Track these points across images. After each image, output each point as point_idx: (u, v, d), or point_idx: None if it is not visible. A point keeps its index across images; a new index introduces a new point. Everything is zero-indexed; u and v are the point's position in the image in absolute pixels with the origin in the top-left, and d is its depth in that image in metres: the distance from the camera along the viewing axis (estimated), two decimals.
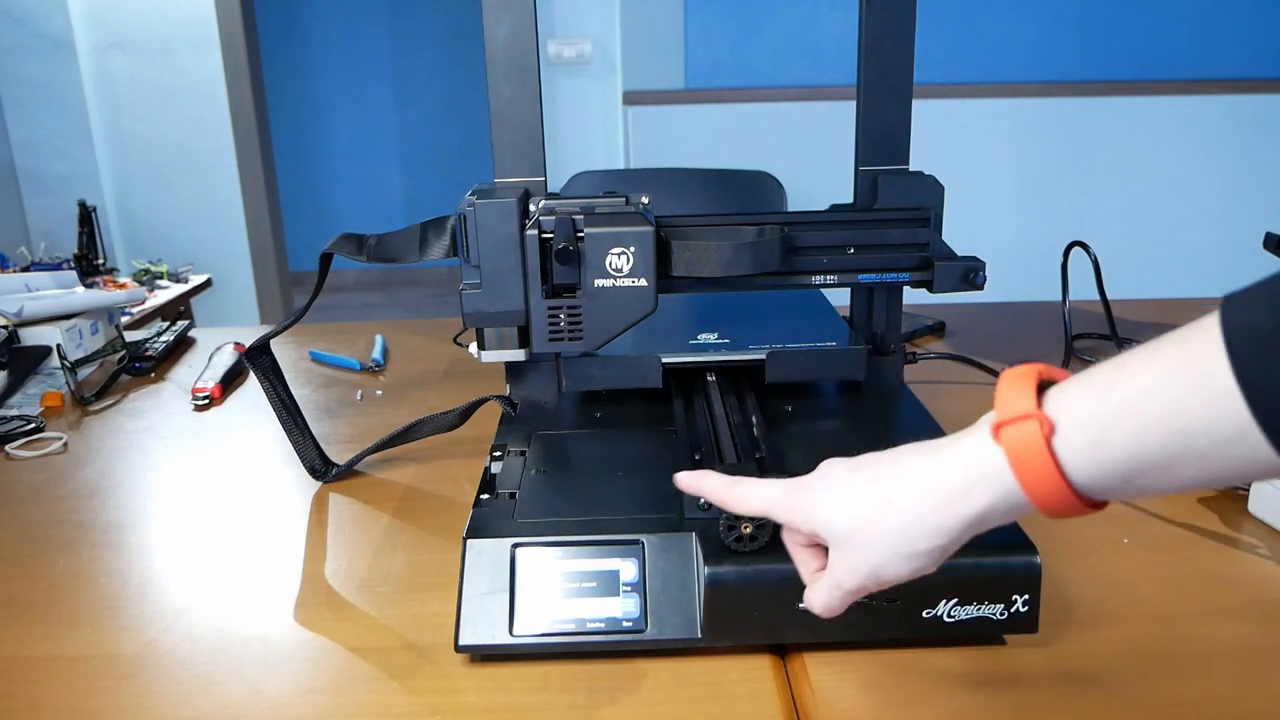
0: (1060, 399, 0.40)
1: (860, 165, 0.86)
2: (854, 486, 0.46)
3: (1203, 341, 0.36)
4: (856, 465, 0.48)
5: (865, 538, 0.45)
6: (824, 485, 0.48)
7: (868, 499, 0.45)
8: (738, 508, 0.53)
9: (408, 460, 0.89)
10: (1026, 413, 0.40)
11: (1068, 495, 0.39)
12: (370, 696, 0.57)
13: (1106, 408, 0.38)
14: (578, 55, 2.98)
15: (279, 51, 4.82)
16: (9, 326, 1.18)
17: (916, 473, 0.44)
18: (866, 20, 0.82)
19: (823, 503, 0.47)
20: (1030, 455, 0.39)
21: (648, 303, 0.76)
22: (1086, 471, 0.39)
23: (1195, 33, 2.81)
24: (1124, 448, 0.38)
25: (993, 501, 0.41)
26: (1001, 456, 0.41)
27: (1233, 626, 0.62)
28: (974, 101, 2.86)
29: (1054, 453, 0.39)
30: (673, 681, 0.58)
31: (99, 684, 0.59)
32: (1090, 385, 0.40)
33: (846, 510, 0.46)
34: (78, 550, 0.75)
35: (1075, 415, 0.39)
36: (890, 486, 0.45)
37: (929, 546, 0.44)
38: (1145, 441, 0.37)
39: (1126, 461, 0.38)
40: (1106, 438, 0.38)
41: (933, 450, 0.44)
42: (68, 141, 3.24)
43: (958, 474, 0.42)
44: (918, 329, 1.25)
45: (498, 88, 0.80)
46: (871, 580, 0.46)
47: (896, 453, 0.46)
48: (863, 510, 0.45)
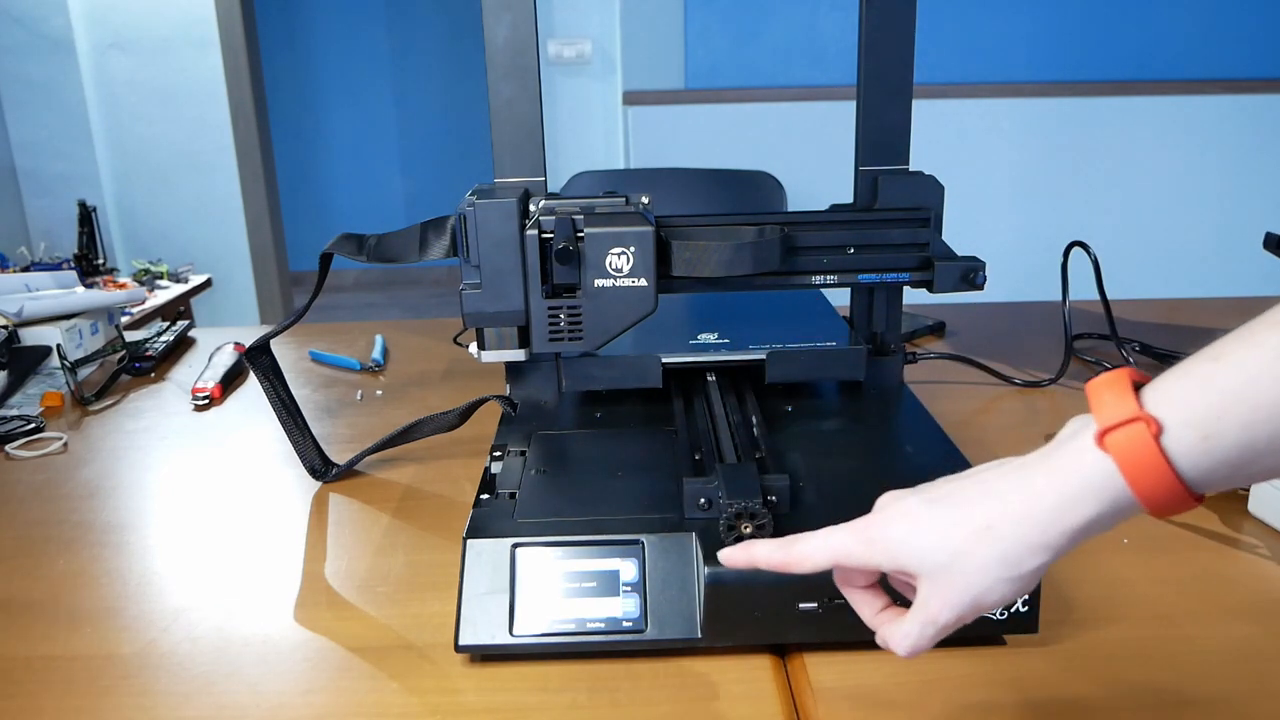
0: (1160, 398, 0.39)
1: (860, 165, 0.86)
2: (943, 517, 0.44)
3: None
4: (934, 497, 0.46)
5: (965, 569, 0.43)
6: (906, 520, 0.45)
7: (962, 528, 0.43)
8: (802, 566, 0.48)
9: (408, 460, 0.89)
10: (1132, 415, 0.39)
11: (1181, 493, 0.39)
12: (370, 696, 0.57)
13: (1212, 400, 0.38)
14: (578, 55, 2.98)
15: (279, 51, 4.82)
16: (9, 326, 1.18)
17: (1013, 494, 0.43)
18: (866, 20, 0.82)
19: (908, 540, 0.45)
20: (1142, 458, 0.39)
21: (648, 303, 0.76)
22: (1199, 467, 0.38)
23: (1195, 33, 2.81)
24: (1236, 438, 0.37)
25: (1100, 509, 0.41)
26: (1109, 463, 0.40)
27: (1233, 626, 0.62)
28: (974, 101, 2.86)
29: (1165, 452, 0.38)
30: (673, 681, 0.58)
31: (99, 684, 0.59)
32: (1189, 379, 0.39)
33: (942, 543, 0.43)
34: (78, 550, 0.75)
35: (1181, 412, 0.38)
36: (985, 512, 0.43)
37: (1035, 565, 0.42)
38: (1258, 428, 0.37)
39: (1240, 450, 0.37)
40: (1218, 429, 0.37)
41: (1023, 468, 0.43)
42: (68, 141, 3.25)
43: (1060, 487, 0.41)
44: (918, 329, 1.25)
45: (498, 88, 0.80)
46: (971, 611, 0.44)
47: (978, 476, 0.45)
48: (960, 540, 0.43)
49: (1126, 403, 0.39)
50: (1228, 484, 0.39)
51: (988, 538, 0.42)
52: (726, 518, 0.59)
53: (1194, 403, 0.38)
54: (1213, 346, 0.39)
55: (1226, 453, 0.38)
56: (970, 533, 0.43)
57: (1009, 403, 1.01)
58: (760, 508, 0.59)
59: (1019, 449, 0.92)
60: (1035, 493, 0.42)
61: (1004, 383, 1.06)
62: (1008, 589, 0.43)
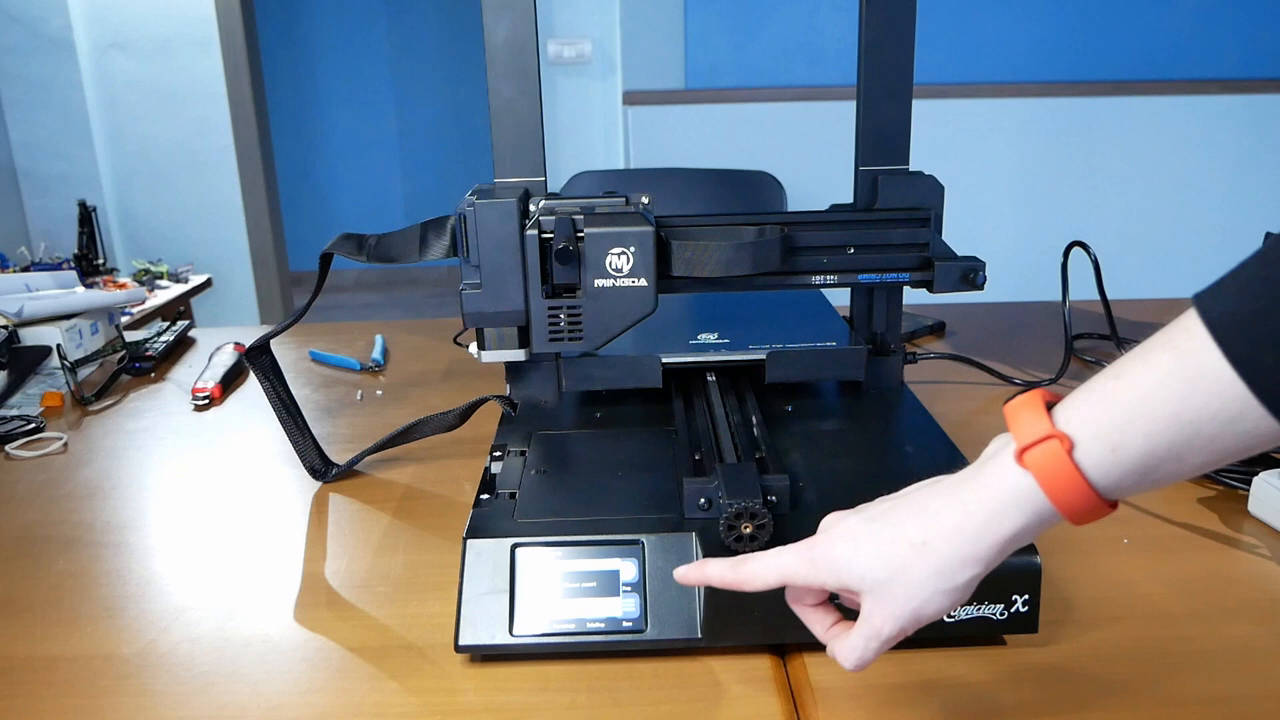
0: (1070, 416, 0.43)
1: (860, 165, 0.86)
2: (881, 535, 0.47)
3: (1188, 339, 0.40)
4: (873, 516, 0.48)
5: (905, 583, 0.46)
6: (848, 540, 0.48)
7: (900, 544, 0.46)
8: (752, 585, 0.50)
9: (408, 460, 0.89)
10: (1046, 434, 0.42)
11: (1094, 501, 0.42)
12: (370, 696, 0.57)
13: (1116, 415, 0.41)
14: (578, 55, 2.98)
15: (279, 51, 4.82)
16: (9, 326, 1.18)
17: (945, 511, 0.46)
18: (866, 20, 0.82)
19: (852, 558, 0.47)
20: (1057, 472, 0.42)
21: (648, 303, 0.76)
22: (1109, 477, 0.42)
23: (1195, 33, 2.81)
24: (1139, 448, 0.41)
25: (1024, 521, 0.44)
26: (1029, 478, 0.43)
27: (1233, 626, 0.62)
28: (974, 101, 2.86)
29: (1078, 465, 0.42)
30: (673, 681, 0.58)
31: (99, 684, 0.59)
32: (1094, 398, 0.43)
33: (881, 560, 0.46)
34: (78, 550, 0.75)
35: (1090, 428, 0.42)
36: (921, 528, 0.46)
37: (969, 577, 0.45)
38: (1157, 439, 0.40)
39: (1143, 459, 0.41)
40: (1122, 441, 0.41)
41: (954, 486, 0.46)
42: (68, 141, 3.24)
43: (987, 503, 0.44)
44: (918, 329, 1.25)
45: (498, 88, 0.80)
46: (912, 623, 0.46)
47: (913, 495, 0.48)
48: (897, 556, 0.46)
49: (1040, 422, 0.43)
50: (1137, 490, 0.43)
51: (924, 553, 0.45)
52: (726, 518, 0.59)
53: (1100, 419, 0.42)
54: (1114, 365, 0.42)
55: (1132, 462, 0.41)
56: (907, 549, 0.46)
57: None
58: (760, 508, 0.59)
59: None
60: (965, 509, 0.45)
61: (1004, 383, 1.06)
62: (944, 600, 0.46)
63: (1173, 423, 0.40)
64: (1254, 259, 0.40)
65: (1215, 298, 0.40)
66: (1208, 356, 0.39)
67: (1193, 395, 0.39)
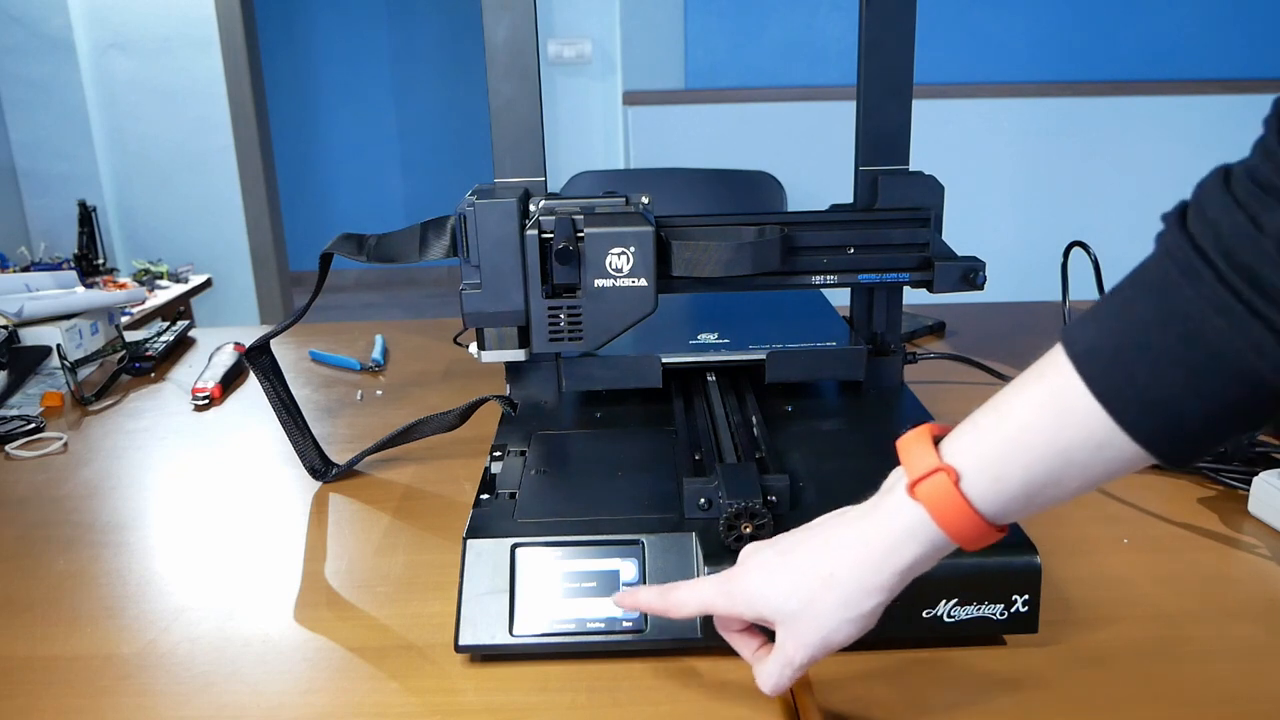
0: (956, 449, 0.46)
1: (860, 165, 0.86)
2: (792, 568, 0.50)
3: (1056, 374, 0.43)
4: (785, 548, 0.51)
5: (814, 614, 0.48)
6: (762, 572, 0.51)
7: (809, 577, 0.49)
8: (678, 612, 0.54)
9: (408, 460, 0.89)
10: (934, 468, 0.45)
11: (983, 528, 0.45)
12: (370, 696, 0.57)
13: (996, 447, 0.44)
14: (578, 55, 2.98)
15: (279, 51, 4.82)
16: (9, 326, 1.18)
17: (848, 544, 0.48)
18: (866, 20, 0.82)
19: (764, 590, 0.50)
20: (946, 503, 0.45)
21: (648, 303, 0.76)
22: (994, 504, 0.45)
23: (1195, 33, 2.81)
24: (1019, 477, 0.44)
25: (921, 550, 0.46)
26: (920, 510, 0.46)
27: (1233, 626, 0.62)
28: (974, 101, 2.86)
29: (965, 495, 0.44)
30: (673, 681, 0.58)
31: (99, 684, 0.59)
32: (977, 431, 0.45)
33: (792, 592, 0.49)
34: (78, 550, 0.75)
35: (974, 460, 0.45)
36: (828, 561, 0.49)
37: (873, 605, 0.48)
38: (1035, 467, 0.43)
39: (1024, 487, 0.44)
40: (1004, 472, 0.44)
41: (857, 519, 0.49)
42: (68, 141, 3.24)
43: (885, 534, 0.47)
44: (918, 329, 1.25)
45: (498, 88, 0.80)
46: (822, 650, 0.49)
47: (821, 527, 0.51)
48: (807, 589, 0.49)
49: (929, 456, 0.46)
50: (1023, 514, 0.45)
51: (831, 584, 0.48)
52: (726, 518, 0.59)
53: (983, 451, 0.45)
54: (995, 398, 0.45)
55: (1015, 490, 0.44)
56: (817, 582, 0.48)
57: None
58: (760, 508, 0.59)
59: None
60: (866, 542, 0.48)
61: (1004, 383, 1.06)
62: (851, 628, 0.49)
63: (1048, 452, 0.43)
64: (1112, 294, 0.43)
65: (1079, 332, 0.43)
66: (1074, 390, 0.42)
67: (1064, 427, 0.42)
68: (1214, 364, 0.39)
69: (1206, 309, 0.38)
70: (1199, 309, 0.39)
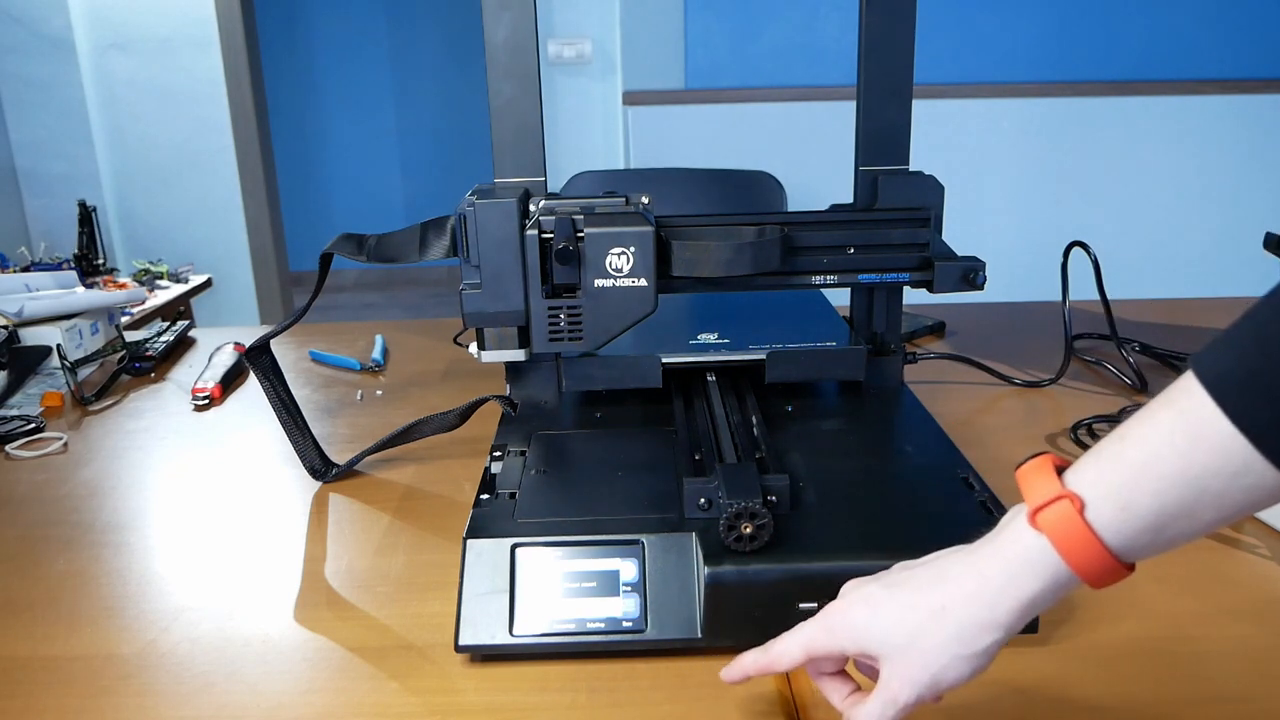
0: (1080, 477, 0.43)
1: (860, 165, 0.86)
2: (900, 600, 0.47)
3: (1187, 399, 0.41)
4: (892, 581, 0.49)
5: (923, 649, 0.46)
6: (867, 606, 0.48)
7: (918, 610, 0.46)
8: (784, 662, 0.51)
9: (408, 460, 0.89)
10: (1057, 494, 0.43)
11: (1109, 560, 0.43)
12: (370, 696, 0.57)
13: (1124, 475, 0.42)
14: (578, 55, 2.98)
15: (279, 51, 4.82)
16: (9, 326, 1.18)
17: (962, 576, 0.46)
18: (866, 20, 0.82)
19: (871, 623, 0.48)
20: (1070, 531, 0.42)
21: (648, 303, 0.76)
22: (1121, 536, 0.42)
23: (1195, 33, 2.81)
24: (1148, 506, 0.41)
25: (1042, 584, 0.44)
26: (1043, 539, 0.43)
27: (1233, 626, 0.62)
28: (974, 101, 2.86)
29: (1090, 524, 0.42)
30: (673, 681, 0.58)
31: (99, 684, 0.59)
32: (1102, 459, 0.43)
33: (900, 625, 0.46)
34: (78, 550, 0.75)
35: (1099, 488, 0.43)
36: (940, 594, 0.46)
37: (989, 643, 0.45)
38: (1166, 496, 0.41)
39: (1155, 517, 0.41)
40: (1132, 500, 0.42)
41: (971, 551, 0.46)
42: (68, 141, 3.24)
43: (1003, 566, 0.45)
44: (918, 329, 1.25)
45: (498, 88, 0.80)
46: (930, 689, 0.46)
47: (933, 562, 0.48)
48: (915, 621, 0.46)
49: (1051, 484, 0.44)
50: (1152, 550, 0.43)
51: (942, 618, 0.45)
52: (726, 518, 0.59)
53: (1109, 479, 0.43)
54: (1120, 428, 0.44)
55: (1144, 520, 0.42)
56: (926, 615, 0.46)
57: (1009, 403, 1.01)
58: (760, 508, 0.59)
59: (1019, 449, 0.92)
60: (982, 574, 0.45)
61: (1004, 383, 1.06)
62: (964, 666, 0.45)
63: (1179, 480, 0.41)
64: (1245, 317, 0.41)
65: (1211, 357, 0.41)
66: (1208, 414, 0.40)
67: (1196, 452, 0.40)
68: None
69: None
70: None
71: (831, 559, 0.58)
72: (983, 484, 0.67)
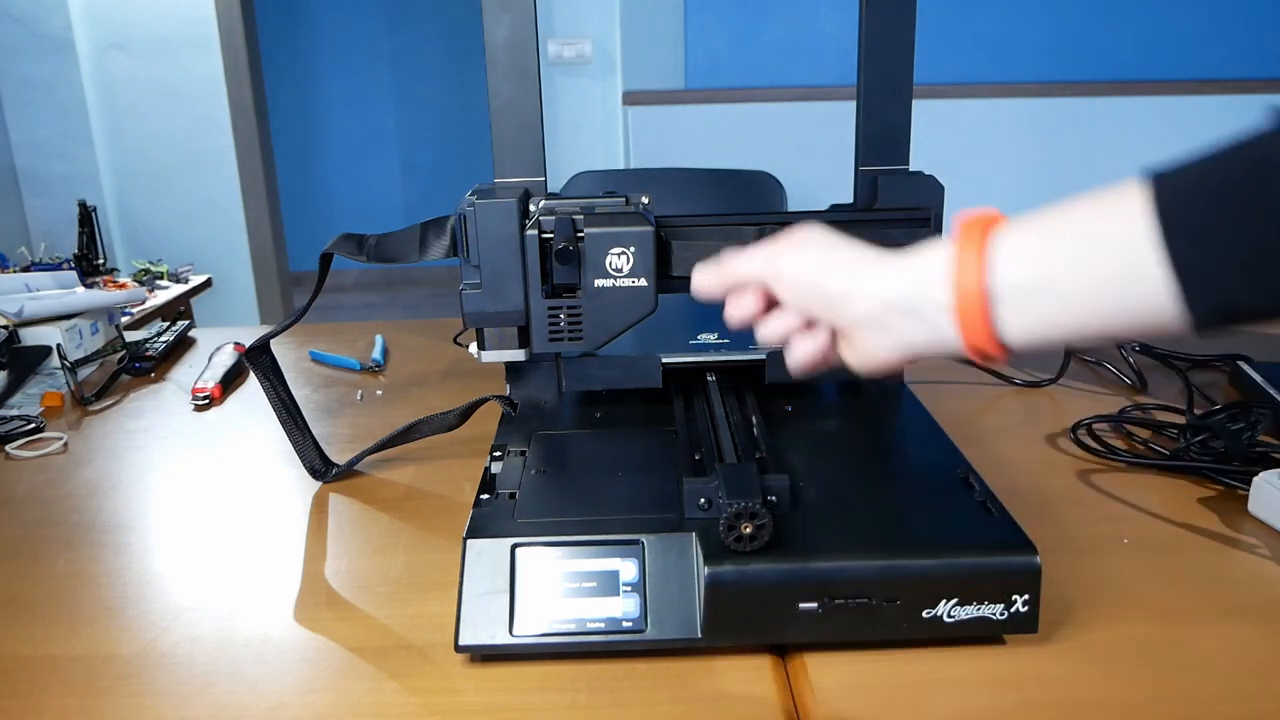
0: (1006, 227, 0.48)
1: (860, 165, 0.86)
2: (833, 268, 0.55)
3: (1129, 202, 0.43)
4: (838, 262, 0.54)
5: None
6: (813, 271, 0.55)
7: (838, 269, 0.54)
8: (704, 286, 0.60)
9: (408, 460, 0.89)
10: (982, 221, 0.48)
11: (985, 301, 0.46)
12: (370, 696, 0.57)
13: (1036, 232, 0.47)
14: (578, 55, 2.98)
15: (279, 51, 4.82)
16: (9, 326, 1.18)
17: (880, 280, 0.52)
18: (866, 20, 0.82)
19: (805, 278, 0.55)
20: (968, 238, 0.48)
21: (648, 303, 0.76)
22: (1005, 282, 0.46)
23: (1195, 33, 2.81)
24: (1038, 263, 0.46)
25: (925, 289, 0.49)
26: (946, 252, 0.49)
27: (1233, 626, 0.62)
28: (974, 101, 2.86)
29: (985, 255, 0.47)
30: (673, 681, 0.58)
31: (99, 684, 0.59)
32: (1032, 217, 0.48)
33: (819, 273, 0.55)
34: (78, 550, 0.75)
35: (1011, 230, 0.48)
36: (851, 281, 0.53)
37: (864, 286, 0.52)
38: (1056, 263, 0.45)
39: (1039, 276, 0.46)
40: (1028, 247, 0.47)
41: (898, 268, 0.51)
42: (68, 141, 3.25)
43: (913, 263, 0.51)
44: None
45: (498, 88, 0.80)
46: (771, 258, 0.56)
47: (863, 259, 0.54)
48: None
49: (981, 221, 0.49)
50: (1025, 314, 0.46)
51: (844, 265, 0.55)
52: (726, 518, 0.59)
53: (1023, 233, 0.47)
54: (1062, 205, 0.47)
55: (1029, 271, 0.46)
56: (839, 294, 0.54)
57: (1009, 403, 1.01)
58: (760, 508, 0.59)
59: (1019, 449, 0.92)
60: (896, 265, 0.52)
61: (1004, 383, 1.06)
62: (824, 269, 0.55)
63: (1079, 257, 0.44)
64: (1214, 159, 0.43)
65: (1167, 178, 0.43)
66: (1135, 199, 0.42)
67: (1112, 248, 0.43)
68: None
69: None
70: None
71: (831, 559, 0.58)
72: (983, 484, 0.67)
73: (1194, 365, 1.09)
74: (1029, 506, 0.75)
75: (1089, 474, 0.84)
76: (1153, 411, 0.96)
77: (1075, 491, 0.81)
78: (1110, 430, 0.92)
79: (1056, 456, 0.87)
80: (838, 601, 0.57)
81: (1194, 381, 1.03)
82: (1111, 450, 0.86)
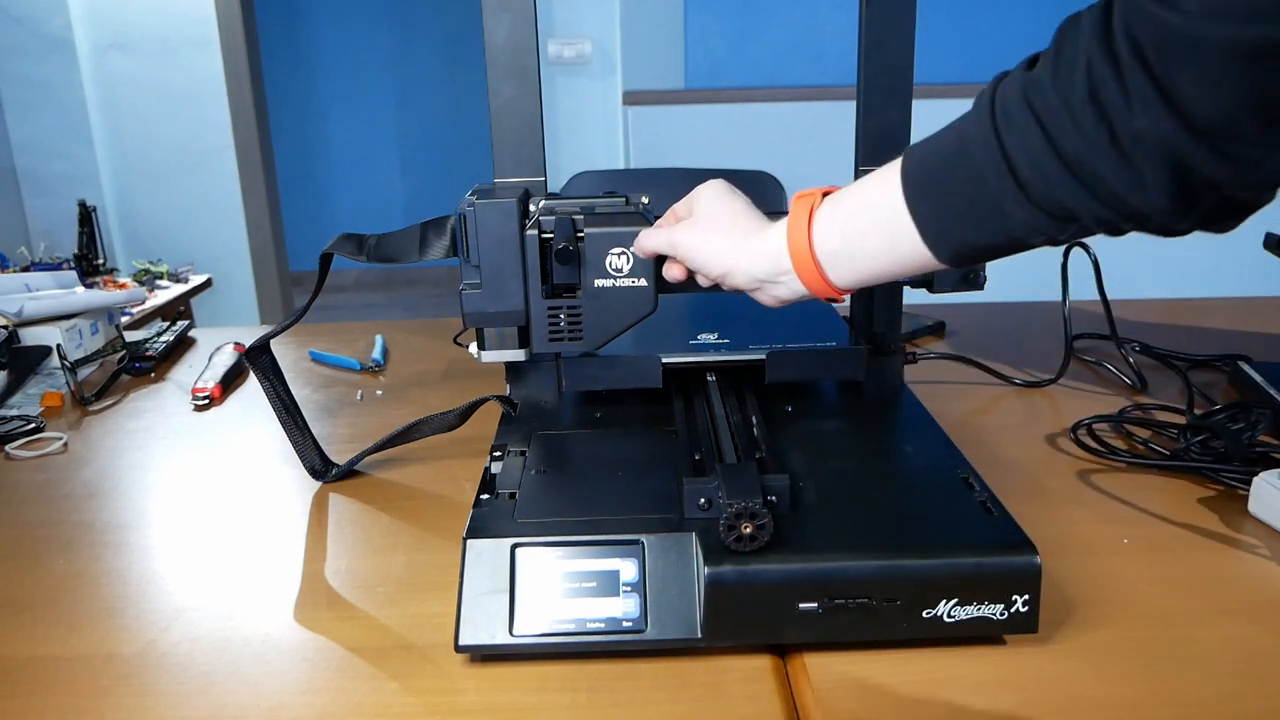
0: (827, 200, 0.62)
1: (860, 165, 0.86)
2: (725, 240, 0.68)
3: (893, 174, 0.57)
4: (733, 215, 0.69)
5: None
6: (706, 247, 0.69)
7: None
8: (646, 249, 0.73)
9: (408, 460, 0.89)
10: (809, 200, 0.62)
11: (809, 249, 0.61)
12: (370, 696, 0.57)
13: (841, 201, 0.61)
14: (578, 55, 2.98)
15: (279, 51, 4.82)
16: (9, 326, 1.18)
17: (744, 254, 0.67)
18: (866, 20, 0.82)
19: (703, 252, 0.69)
20: (798, 213, 0.62)
21: (648, 303, 0.76)
22: (823, 235, 0.61)
23: None
24: (844, 221, 0.60)
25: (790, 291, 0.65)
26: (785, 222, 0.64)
27: (1233, 626, 0.62)
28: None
29: (811, 220, 0.61)
30: (673, 681, 0.58)
31: (99, 684, 0.59)
32: (842, 191, 0.62)
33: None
34: (78, 550, 0.75)
35: (827, 204, 0.61)
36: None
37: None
38: (853, 221, 0.60)
39: (844, 232, 0.60)
40: (838, 210, 0.61)
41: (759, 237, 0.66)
42: (68, 141, 3.25)
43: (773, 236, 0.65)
44: (918, 329, 1.25)
45: (498, 88, 0.80)
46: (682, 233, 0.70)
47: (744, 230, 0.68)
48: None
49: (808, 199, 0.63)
50: (842, 260, 0.61)
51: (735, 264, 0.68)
52: (726, 518, 0.59)
53: (836, 202, 0.61)
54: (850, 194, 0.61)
55: (839, 230, 0.60)
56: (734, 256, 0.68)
57: (1009, 403, 1.01)
58: (760, 508, 0.59)
59: (1019, 449, 0.92)
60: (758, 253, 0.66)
61: (1004, 383, 1.06)
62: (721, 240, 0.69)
63: (867, 220, 0.58)
64: (953, 128, 0.54)
65: (914, 152, 0.56)
66: (897, 189, 0.56)
67: (879, 210, 0.57)
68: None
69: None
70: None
71: (831, 559, 0.58)
72: (983, 484, 0.67)
73: (1194, 365, 1.09)
74: (1029, 507, 0.75)
75: (1089, 474, 0.84)
76: (1153, 411, 0.96)
77: (1075, 491, 0.81)
78: (1110, 430, 0.92)
79: (1056, 456, 0.87)
80: (838, 601, 0.57)
81: (1194, 381, 1.03)
82: (1111, 450, 0.86)
